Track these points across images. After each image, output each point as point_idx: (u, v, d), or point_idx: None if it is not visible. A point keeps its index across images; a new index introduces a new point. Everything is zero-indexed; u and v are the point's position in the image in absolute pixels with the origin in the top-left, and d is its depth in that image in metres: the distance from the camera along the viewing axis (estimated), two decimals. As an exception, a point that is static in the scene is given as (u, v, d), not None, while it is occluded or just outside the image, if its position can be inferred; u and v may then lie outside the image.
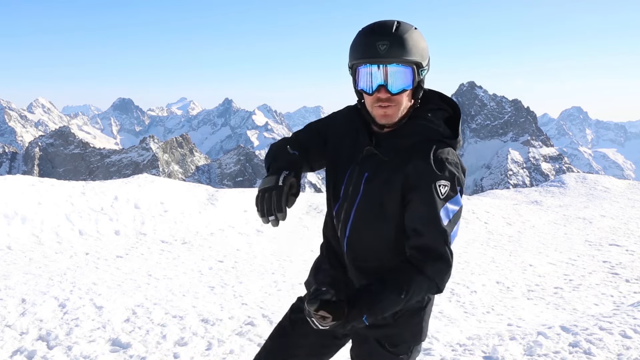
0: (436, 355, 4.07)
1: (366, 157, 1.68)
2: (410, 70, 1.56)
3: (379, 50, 1.53)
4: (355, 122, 1.76)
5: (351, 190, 1.71)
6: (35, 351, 3.99)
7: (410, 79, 1.57)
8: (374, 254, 1.71)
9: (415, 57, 1.55)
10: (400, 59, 1.53)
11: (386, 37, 1.53)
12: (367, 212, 1.68)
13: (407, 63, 1.55)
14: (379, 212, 1.66)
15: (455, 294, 6.17)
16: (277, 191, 1.53)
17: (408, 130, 1.65)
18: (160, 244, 8.61)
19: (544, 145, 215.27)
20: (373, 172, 1.66)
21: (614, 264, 7.77)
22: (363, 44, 1.57)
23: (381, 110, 1.60)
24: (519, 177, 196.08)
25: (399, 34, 1.54)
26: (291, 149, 1.77)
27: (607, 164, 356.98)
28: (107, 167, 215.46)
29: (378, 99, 1.58)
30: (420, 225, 1.57)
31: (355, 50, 1.60)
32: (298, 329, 1.83)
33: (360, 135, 1.72)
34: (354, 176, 1.70)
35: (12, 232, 8.11)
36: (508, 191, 18.21)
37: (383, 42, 1.52)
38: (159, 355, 4.04)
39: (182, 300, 5.56)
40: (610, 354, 3.89)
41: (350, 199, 1.71)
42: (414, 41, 1.55)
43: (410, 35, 1.55)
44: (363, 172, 1.68)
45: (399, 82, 1.56)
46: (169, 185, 11.52)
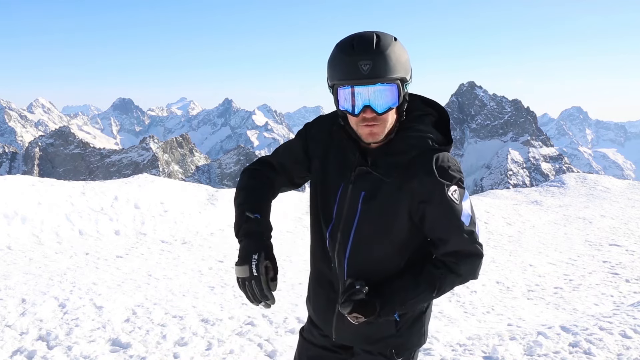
0: (436, 355, 4.07)
1: (360, 175, 1.61)
2: (395, 88, 1.49)
3: (361, 70, 1.44)
4: (337, 134, 1.67)
5: (346, 210, 1.63)
6: (35, 351, 3.99)
7: (396, 97, 1.51)
8: (376, 271, 1.66)
9: (399, 74, 1.49)
10: (384, 79, 1.46)
11: (368, 55, 1.44)
12: (367, 231, 1.63)
13: (392, 81, 1.48)
14: (380, 230, 1.62)
15: (455, 294, 6.17)
16: (256, 282, 1.51)
17: (402, 145, 1.59)
18: (160, 244, 8.61)
19: (544, 145, 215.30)
20: (371, 191, 1.60)
21: (614, 264, 7.77)
22: (344, 63, 1.47)
23: (367, 129, 1.53)
24: (519, 177, 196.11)
25: (380, 50, 1.45)
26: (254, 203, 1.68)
27: (607, 164, 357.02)
28: (107, 167, 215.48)
29: (364, 118, 1.52)
30: (446, 235, 1.59)
31: (335, 69, 1.51)
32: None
33: (349, 152, 1.63)
34: (347, 195, 1.63)
35: (12, 232, 8.11)
36: (508, 191, 18.21)
37: (365, 61, 1.44)
38: (159, 355, 4.04)
39: (182, 300, 5.56)
40: (610, 354, 3.89)
41: (347, 219, 1.63)
42: (396, 56, 1.48)
43: (392, 50, 1.47)
44: (359, 191, 1.61)
45: (384, 101, 1.49)
46: (169, 185, 11.52)
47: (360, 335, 1.72)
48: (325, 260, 1.73)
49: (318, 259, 1.77)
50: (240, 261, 1.55)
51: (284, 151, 1.82)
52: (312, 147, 1.74)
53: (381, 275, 1.64)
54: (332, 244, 1.68)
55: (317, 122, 1.78)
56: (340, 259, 1.67)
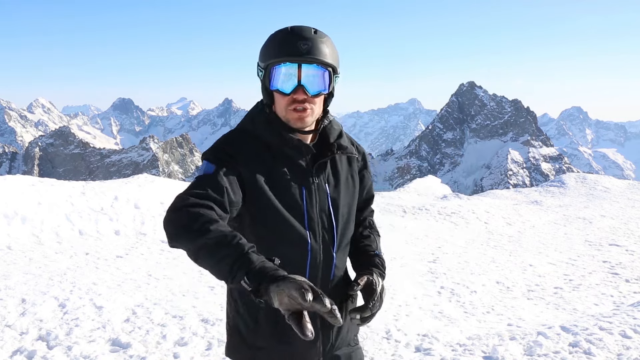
0: (436, 355, 4.07)
1: (318, 169, 1.64)
2: (327, 74, 1.56)
3: (300, 48, 1.50)
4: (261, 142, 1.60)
5: (319, 209, 1.62)
6: (35, 351, 3.99)
7: (327, 83, 1.57)
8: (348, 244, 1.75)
9: (332, 62, 1.56)
10: (319, 61, 1.52)
11: (306, 38, 1.52)
12: (343, 213, 1.69)
13: (325, 65, 1.55)
14: (350, 206, 1.73)
15: (455, 294, 6.17)
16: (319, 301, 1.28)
17: (334, 128, 1.71)
18: (160, 244, 8.60)
19: (544, 145, 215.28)
20: (332, 179, 1.68)
21: (614, 264, 7.77)
22: (282, 43, 1.53)
23: (296, 114, 1.56)
24: (519, 177, 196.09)
25: (318, 37, 1.54)
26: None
27: (607, 164, 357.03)
28: (107, 167, 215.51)
29: (294, 100, 1.55)
30: (372, 190, 1.89)
31: (272, 49, 1.54)
32: None
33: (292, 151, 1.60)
34: (313, 192, 1.61)
35: (12, 232, 8.11)
36: (508, 191, 18.21)
37: (304, 42, 1.51)
38: (159, 355, 4.04)
39: (182, 300, 5.57)
40: (610, 354, 3.89)
41: (323, 219, 1.63)
42: (331, 47, 1.56)
43: (328, 41, 1.56)
44: (323, 183, 1.65)
45: (317, 84, 1.55)
46: (169, 185, 11.52)
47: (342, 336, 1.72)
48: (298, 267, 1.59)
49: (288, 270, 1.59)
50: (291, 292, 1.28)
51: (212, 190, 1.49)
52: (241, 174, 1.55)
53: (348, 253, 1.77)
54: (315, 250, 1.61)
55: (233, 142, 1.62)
56: (327, 260, 1.64)
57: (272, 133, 1.60)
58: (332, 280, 1.65)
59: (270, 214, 1.56)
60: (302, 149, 1.60)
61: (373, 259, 1.73)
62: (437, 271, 7.25)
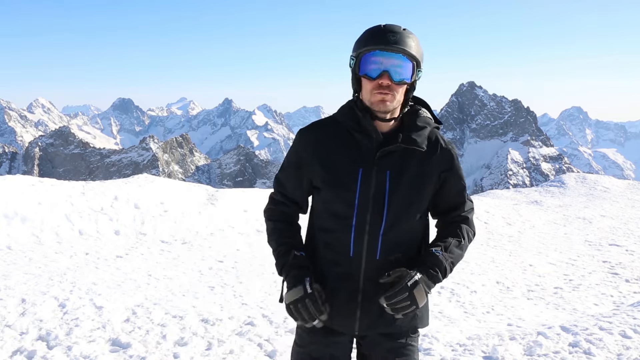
0: (436, 355, 4.07)
1: (382, 157, 1.77)
2: (411, 65, 1.73)
3: (389, 39, 1.69)
4: (340, 126, 1.83)
5: (373, 192, 1.77)
6: (35, 351, 3.99)
7: (410, 73, 1.73)
8: (405, 242, 1.83)
9: (416, 55, 1.73)
10: (405, 52, 1.70)
11: (395, 32, 1.71)
12: (398, 206, 1.78)
13: (410, 57, 1.72)
14: (409, 203, 1.80)
15: (455, 294, 6.17)
16: (311, 299, 1.73)
17: (418, 122, 1.82)
18: (160, 244, 8.61)
19: (544, 145, 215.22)
20: (396, 168, 1.78)
21: (614, 264, 7.77)
22: (373, 35, 1.72)
23: (379, 96, 1.72)
24: (519, 177, 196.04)
25: (406, 33, 1.72)
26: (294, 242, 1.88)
27: (607, 164, 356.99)
28: (107, 167, 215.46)
29: (379, 85, 1.71)
30: (461, 196, 1.91)
31: (364, 40, 1.74)
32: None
33: (362, 136, 1.78)
34: (371, 178, 1.77)
35: (12, 232, 8.11)
36: (508, 191, 18.20)
37: (392, 34, 1.70)
38: (159, 355, 4.04)
39: (182, 300, 5.57)
40: (610, 354, 3.89)
41: (375, 200, 1.77)
42: (416, 43, 1.75)
43: (414, 37, 1.74)
44: (384, 171, 1.77)
45: (400, 72, 1.71)
46: (169, 185, 11.52)
47: (384, 319, 1.82)
48: (343, 249, 1.81)
49: (332, 250, 1.84)
50: (292, 285, 1.77)
51: (287, 182, 1.94)
52: (309, 153, 1.85)
53: (410, 244, 1.85)
54: (361, 228, 1.78)
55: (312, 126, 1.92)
56: (372, 240, 1.78)
57: (350, 117, 1.81)
58: (378, 260, 1.79)
59: (325, 189, 1.82)
60: (372, 134, 1.77)
61: (427, 258, 1.79)
62: (437, 271, 7.25)
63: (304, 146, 1.86)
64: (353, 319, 1.82)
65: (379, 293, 1.74)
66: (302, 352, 1.92)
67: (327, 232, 1.84)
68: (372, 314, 1.81)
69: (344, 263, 1.81)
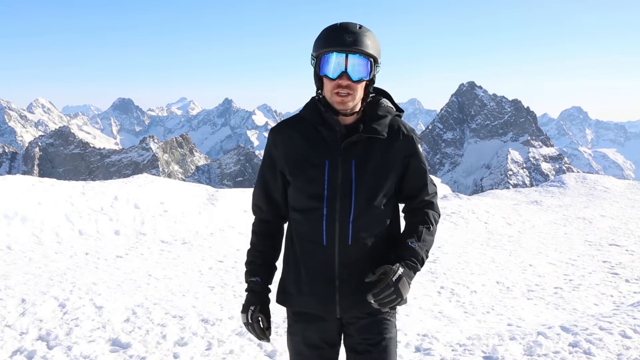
0: (436, 355, 4.07)
1: (347, 148, 1.86)
2: (368, 63, 1.81)
3: (345, 40, 1.77)
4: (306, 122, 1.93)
5: (341, 181, 1.86)
6: (35, 351, 3.99)
7: (368, 71, 1.82)
8: (375, 227, 1.91)
9: (373, 52, 1.81)
10: (361, 51, 1.78)
11: (351, 32, 1.78)
12: (365, 194, 1.87)
13: (367, 56, 1.80)
14: (375, 190, 1.89)
15: (455, 294, 6.17)
16: (251, 328, 1.95)
17: (379, 112, 1.91)
18: (160, 244, 8.61)
19: (544, 145, 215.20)
20: (361, 158, 1.87)
21: (614, 264, 7.77)
22: (330, 36, 1.80)
23: (339, 98, 1.81)
24: (519, 177, 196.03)
25: (362, 31, 1.80)
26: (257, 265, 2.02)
27: (607, 164, 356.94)
28: (107, 167, 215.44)
29: (339, 85, 1.80)
30: (424, 179, 1.99)
31: (322, 41, 1.82)
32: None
33: (326, 130, 1.88)
34: (337, 168, 1.86)
35: (12, 232, 8.11)
36: (508, 191, 18.20)
37: (349, 35, 1.78)
38: (159, 355, 4.04)
39: (182, 300, 5.57)
40: (610, 354, 3.89)
41: (344, 189, 1.86)
42: (373, 40, 1.82)
43: (370, 35, 1.82)
44: (350, 160, 1.86)
45: (358, 71, 1.80)
46: (169, 185, 11.52)
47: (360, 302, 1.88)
48: (316, 238, 1.90)
49: (307, 241, 1.94)
50: (242, 309, 1.98)
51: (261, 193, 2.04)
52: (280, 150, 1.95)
53: (379, 227, 1.92)
54: (331, 216, 1.88)
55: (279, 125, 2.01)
56: (343, 227, 1.88)
57: (314, 113, 1.91)
58: (350, 245, 1.88)
59: (295, 183, 1.92)
60: (335, 127, 1.87)
61: (405, 252, 1.88)
62: (437, 271, 7.25)
63: (274, 144, 1.97)
64: (333, 303, 1.91)
65: (354, 277, 1.88)
66: (296, 340, 2.01)
67: (300, 223, 1.95)
68: (350, 298, 1.90)
69: (319, 252, 1.91)
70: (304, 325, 1.99)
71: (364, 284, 1.84)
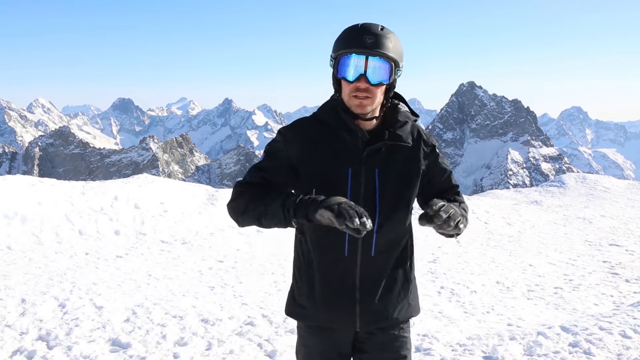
0: (436, 355, 4.07)
1: (369, 155, 1.78)
2: (389, 67, 1.72)
3: (365, 42, 1.68)
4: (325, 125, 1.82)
5: (364, 190, 1.77)
6: (35, 351, 3.99)
7: (388, 75, 1.73)
8: (397, 234, 1.85)
9: (394, 56, 1.72)
10: (382, 54, 1.69)
11: (372, 33, 1.69)
12: (389, 201, 1.80)
13: (387, 59, 1.71)
14: (398, 197, 1.82)
15: (455, 294, 6.17)
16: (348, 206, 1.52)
17: (398, 118, 1.84)
18: (160, 244, 8.61)
19: (544, 145, 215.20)
20: (384, 166, 1.79)
21: (614, 264, 7.77)
22: (350, 36, 1.71)
23: (357, 101, 1.73)
24: (519, 177, 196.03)
25: (383, 33, 1.70)
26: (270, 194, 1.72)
27: (607, 164, 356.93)
28: (107, 167, 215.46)
29: (357, 88, 1.72)
30: (450, 181, 1.97)
31: (341, 41, 1.73)
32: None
33: (348, 135, 1.78)
34: (360, 176, 1.77)
35: (12, 232, 8.11)
36: (508, 191, 18.21)
37: (369, 37, 1.68)
38: (159, 355, 4.04)
39: (182, 300, 5.57)
40: (610, 354, 3.89)
41: (366, 198, 1.77)
42: (394, 43, 1.73)
43: (392, 37, 1.72)
44: (372, 169, 1.78)
45: (378, 74, 1.72)
46: (169, 185, 11.52)
47: (381, 314, 1.85)
48: (337, 249, 1.80)
49: (326, 252, 1.82)
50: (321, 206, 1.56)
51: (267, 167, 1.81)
52: (295, 152, 1.81)
53: (401, 237, 1.86)
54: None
55: (294, 125, 1.88)
56: (367, 238, 1.78)
57: (333, 116, 1.81)
58: (373, 257, 1.81)
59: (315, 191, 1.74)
60: (358, 133, 1.78)
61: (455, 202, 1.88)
62: (437, 271, 7.25)
63: (286, 144, 1.81)
64: (353, 316, 1.84)
65: (374, 288, 1.81)
66: (309, 352, 1.94)
67: (320, 234, 1.81)
68: (371, 310, 1.84)
69: (340, 263, 1.81)
70: (319, 340, 1.91)
71: (385, 295, 1.81)
